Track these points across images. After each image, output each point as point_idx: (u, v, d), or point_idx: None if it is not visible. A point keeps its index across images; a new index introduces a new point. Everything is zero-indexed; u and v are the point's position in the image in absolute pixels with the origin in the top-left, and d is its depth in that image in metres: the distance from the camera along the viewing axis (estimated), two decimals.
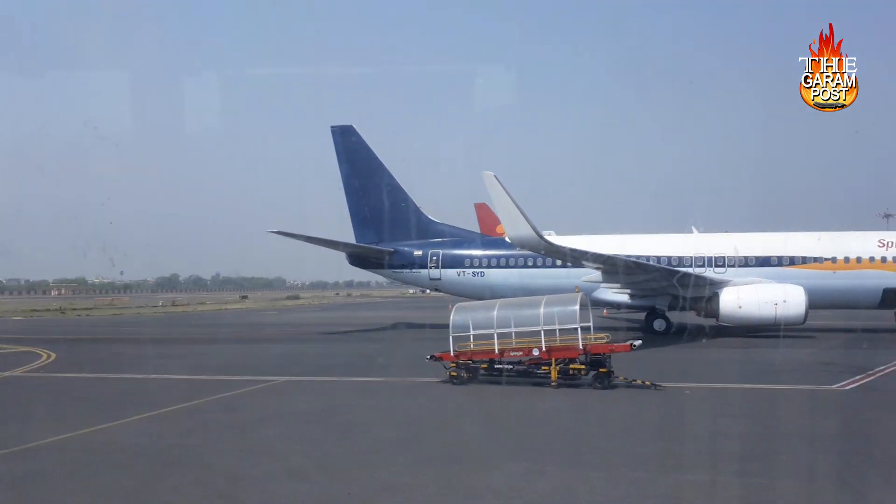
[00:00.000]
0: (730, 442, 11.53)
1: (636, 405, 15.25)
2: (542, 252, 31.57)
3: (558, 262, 35.89)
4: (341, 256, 41.15)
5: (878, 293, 32.27)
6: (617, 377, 16.98)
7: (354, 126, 41.14)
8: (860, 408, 14.97)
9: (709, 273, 33.15)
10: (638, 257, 33.17)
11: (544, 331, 17.28)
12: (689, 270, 32.44)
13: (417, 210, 40.58)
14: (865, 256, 32.53)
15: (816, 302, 31.03)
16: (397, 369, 21.17)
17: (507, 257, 37.10)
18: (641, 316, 36.04)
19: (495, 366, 17.83)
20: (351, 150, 40.96)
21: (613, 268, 31.24)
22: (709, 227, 38.65)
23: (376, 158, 40.76)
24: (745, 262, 33.90)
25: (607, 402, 15.67)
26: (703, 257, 34.26)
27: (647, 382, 16.78)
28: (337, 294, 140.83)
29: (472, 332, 17.89)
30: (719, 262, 34.07)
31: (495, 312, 17.99)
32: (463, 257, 38.16)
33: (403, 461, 10.74)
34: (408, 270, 39.59)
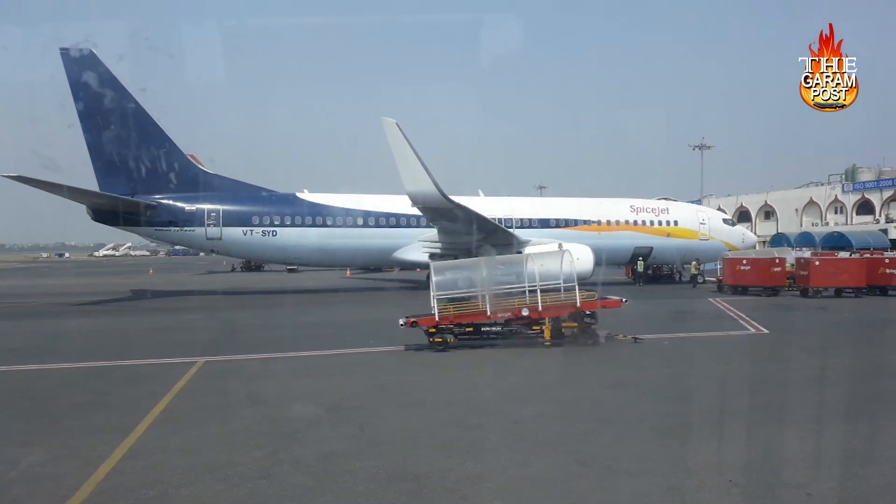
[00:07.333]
0: (809, 373, 12.80)
1: (656, 357, 15.76)
2: (421, 208, 30.27)
3: (360, 222, 34.62)
4: None
5: (630, 252, 38.02)
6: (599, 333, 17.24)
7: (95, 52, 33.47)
8: (809, 346, 17.57)
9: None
10: None
11: (539, 289, 16.63)
12: (511, 231, 34.09)
13: (185, 157, 34.76)
14: (622, 220, 37.96)
15: None
16: (334, 341, 18.23)
17: (304, 215, 34.19)
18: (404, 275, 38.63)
19: (482, 328, 16.61)
20: (90, 81, 33.19)
21: (463, 227, 31.12)
22: (490, 191, 41.19)
23: (127, 93, 33.72)
24: (530, 224, 36.84)
25: (627, 356, 15.81)
26: (495, 219, 36.17)
27: (628, 336, 17.41)
28: None
29: (458, 293, 16.44)
30: (508, 223, 36.35)
31: (483, 271, 16.69)
32: (250, 214, 34.00)
33: (646, 436, 9.27)
34: (176, 228, 33.85)
